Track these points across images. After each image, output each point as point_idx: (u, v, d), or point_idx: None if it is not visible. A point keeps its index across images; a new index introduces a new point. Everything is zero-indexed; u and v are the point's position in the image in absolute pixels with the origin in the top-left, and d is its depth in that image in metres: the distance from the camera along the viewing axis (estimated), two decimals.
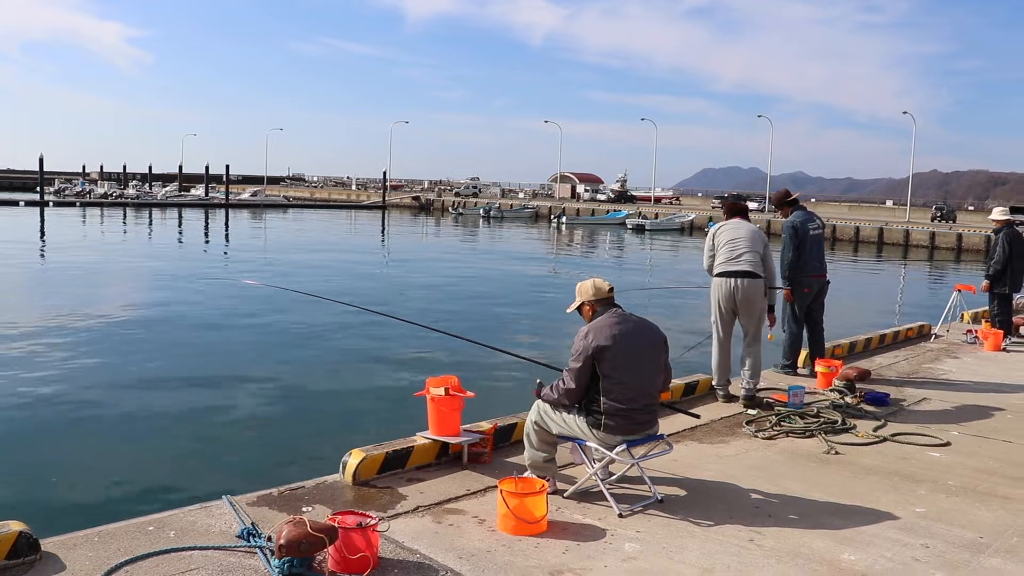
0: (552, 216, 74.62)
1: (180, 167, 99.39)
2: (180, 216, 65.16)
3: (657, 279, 32.25)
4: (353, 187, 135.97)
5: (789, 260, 9.22)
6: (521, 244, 51.23)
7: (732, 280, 7.92)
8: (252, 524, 4.65)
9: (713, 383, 8.26)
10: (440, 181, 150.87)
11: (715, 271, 8.08)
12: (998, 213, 13.03)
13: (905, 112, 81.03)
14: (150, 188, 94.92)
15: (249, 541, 4.46)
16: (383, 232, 59.14)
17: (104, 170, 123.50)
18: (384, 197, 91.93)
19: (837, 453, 6.60)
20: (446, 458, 5.97)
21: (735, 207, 8.55)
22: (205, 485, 7.71)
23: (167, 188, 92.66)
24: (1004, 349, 11.73)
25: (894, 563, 4.53)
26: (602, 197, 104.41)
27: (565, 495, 5.35)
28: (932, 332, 12.86)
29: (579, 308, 5.43)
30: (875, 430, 7.24)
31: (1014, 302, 13.24)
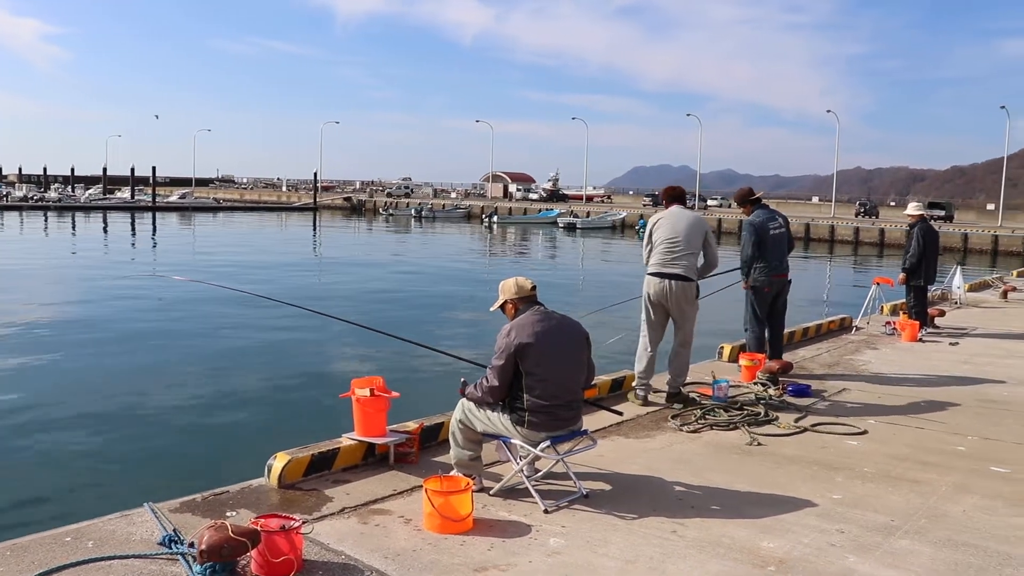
0: (484, 216, 74.72)
1: (104, 169, 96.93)
2: (105, 220, 63.61)
3: (590, 278, 32.52)
4: (284, 188, 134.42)
5: (747, 258, 9.24)
6: (452, 244, 51.23)
7: (664, 281, 7.80)
8: (174, 530, 4.59)
9: (634, 384, 8.11)
10: (372, 182, 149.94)
11: (649, 269, 7.93)
12: (913, 208, 13.42)
13: (829, 111, 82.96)
14: (73, 191, 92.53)
15: (171, 548, 4.40)
16: (314, 233, 58.60)
17: (23, 172, 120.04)
18: (315, 198, 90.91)
19: (759, 444, 6.74)
20: (373, 459, 5.95)
21: (673, 192, 8.33)
22: (127, 493, 7.55)
23: (91, 191, 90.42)
24: (920, 339, 12.10)
25: (811, 548, 4.66)
26: (534, 196, 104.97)
27: (491, 492, 5.38)
28: (853, 324, 13.20)
29: (502, 306, 5.47)
30: (796, 421, 7.42)
31: (929, 294, 13.67)
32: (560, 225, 66.64)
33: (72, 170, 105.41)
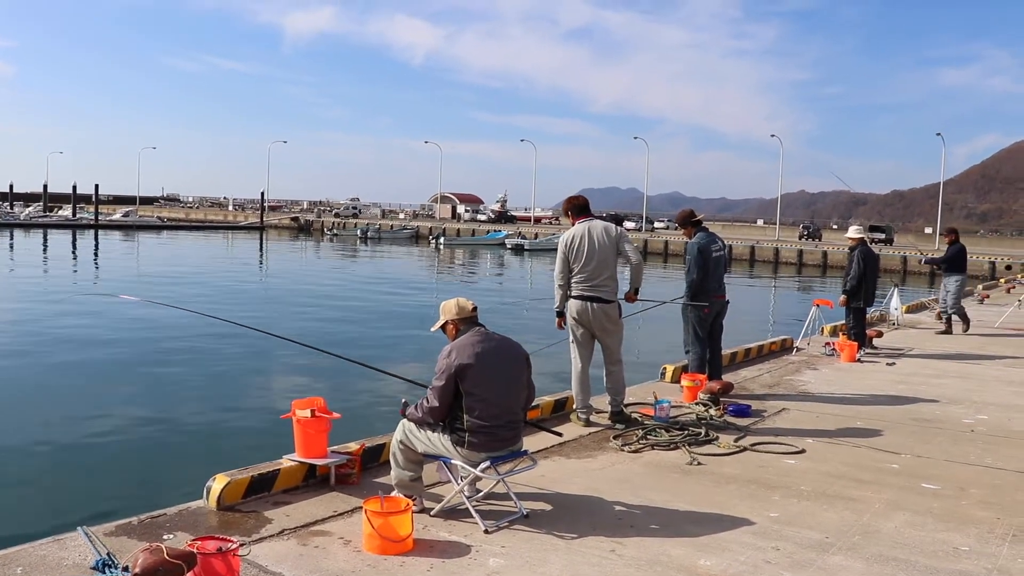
0: (431, 237, 74.69)
1: (45, 186, 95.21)
2: (45, 237, 62.34)
3: (535, 298, 32.61)
4: (230, 208, 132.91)
5: (693, 281, 9.33)
6: (398, 265, 51.11)
7: (589, 304, 7.87)
8: (108, 554, 4.49)
9: (575, 407, 8.13)
10: (320, 201, 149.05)
11: (572, 292, 7.94)
12: (853, 232, 13.73)
13: (773, 135, 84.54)
14: (12, 207, 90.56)
15: (104, 572, 4.31)
16: (260, 253, 58.05)
17: None
18: (262, 218, 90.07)
19: (699, 464, 6.82)
20: (314, 480, 5.92)
21: (578, 203, 8.13)
22: (62, 518, 7.39)
23: (31, 208, 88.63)
24: (859, 360, 12.34)
25: (747, 566, 4.73)
26: (482, 217, 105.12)
27: (432, 513, 5.38)
28: (794, 345, 13.42)
29: (443, 327, 5.50)
30: (736, 440, 7.51)
31: (868, 315, 13.96)
32: (508, 246, 66.83)
33: (11, 186, 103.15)
